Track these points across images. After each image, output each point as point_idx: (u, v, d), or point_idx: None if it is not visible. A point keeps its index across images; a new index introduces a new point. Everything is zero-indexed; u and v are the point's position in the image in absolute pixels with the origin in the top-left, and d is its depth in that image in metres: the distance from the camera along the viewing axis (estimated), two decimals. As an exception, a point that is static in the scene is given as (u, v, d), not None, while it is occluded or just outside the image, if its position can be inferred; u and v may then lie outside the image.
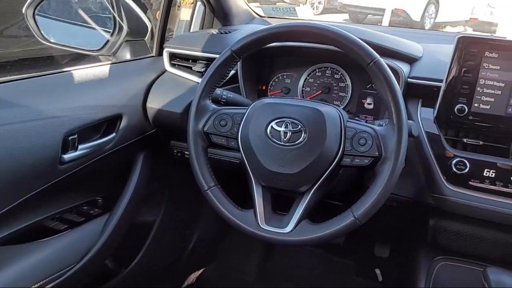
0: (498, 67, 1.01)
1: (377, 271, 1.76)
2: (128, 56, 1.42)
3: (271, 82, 1.37)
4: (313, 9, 8.67)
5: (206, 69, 1.29)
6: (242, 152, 1.00)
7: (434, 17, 8.24)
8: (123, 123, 1.24)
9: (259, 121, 0.97)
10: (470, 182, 1.03)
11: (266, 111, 0.98)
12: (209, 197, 1.00)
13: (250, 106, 1.01)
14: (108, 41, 1.38)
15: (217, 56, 1.03)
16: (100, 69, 1.23)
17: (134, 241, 1.51)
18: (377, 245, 1.75)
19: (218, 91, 1.13)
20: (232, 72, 1.26)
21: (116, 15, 1.37)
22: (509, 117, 1.01)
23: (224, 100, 1.14)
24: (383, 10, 7.59)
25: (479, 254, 1.26)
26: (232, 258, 1.90)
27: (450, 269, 1.27)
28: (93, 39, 1.39)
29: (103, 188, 1.32)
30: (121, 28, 1.37)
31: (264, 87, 1.37)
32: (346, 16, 8.75)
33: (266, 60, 1.35)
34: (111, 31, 1.39)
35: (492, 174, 1.02)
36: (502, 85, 1.01)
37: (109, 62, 1.31)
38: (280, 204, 1.01)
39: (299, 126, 0.94)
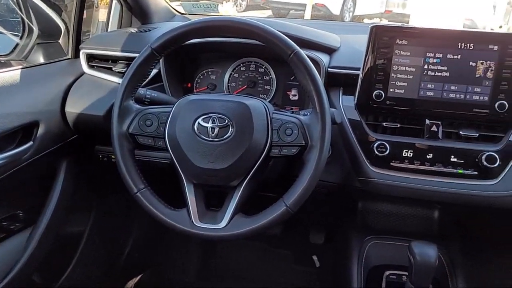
0: (409, 53, 1.07)
1: (314, 257, 1.82)
2: (41, 59, 1.34)
3: (197, 79, 1.36)
4: (236, 6, 8.71)
5: (127, 69, 1.25)
6: (170, 151, 0.98)
7: (352, 11, 8.63)
8: (41, 130, 1.17)
9: (186, 119, 0.96)
10: (391, 163, 1.09)
11: (192, 108, 0.97)
12: (139, 200, 0.98)
13: (176, 104, 1.00)
14: (17, 44, 1.30)
15: (137, 55, 1.00)
16: (11, 75, 1.15)
17: (63, 253, 1.43)
18: (312, 232, 1.80)
19: (141, 90, 1.10)
20: (155, 71, 1.24)
21: (24, 17, 1.28)
22: (421, 100, 1.08)
23: (149, 100, 1.11)
24: (305, 5, 7.81)
25: (404, 230, 1.34)
26: (171, 259, 1.87)
27: (379, 247, 1.34)
28: (0, 44, 1.30)
29: (24, 201, 1.24)
30: (31, 30, 1.30)
31: (189, 85, 1.36)
32: (269, 12, 8.88)
33: (190, 57, 1.34)
34: (20, 34, 1.30)
35: (410, 154, 1.08)
36: (413, 69, 1.08)
37: (20, 66, 1.22)
38: (214, 200, 1.01)
39: (226, 121, 0.94)
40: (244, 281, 1.79)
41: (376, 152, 1.08)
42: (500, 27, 6.40)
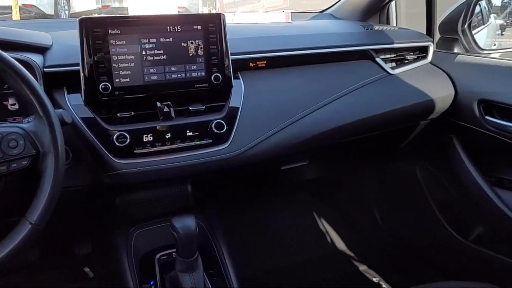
0: (124, 42, 1.09)
1: (86, 269, 1.71)
2: None
3: None
4: None
5: None
6: None
7: (67, 9, 8.19)
8: None
9: None
10: (135, 151, 1.10)
11: None
12: None
13: None
14: None
15: None
16: None
17: None
18: (77, 244, 1.68)
19: None
20: None
21: None
22: (148, 85, 1.12)
23: None
24: (10, 7, 6.97)
25: (166, 211, 1.39)
26: None
27: (146, 235, 1.36)
28: None
29: None
30: None
31: None
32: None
33: None
34: None
35: (150, 138, 1.12)
36: (133, 57, 1.10)
37: None
38: None
39: None
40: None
41: (117, 144, 1.07)
42: (210, 11, 7.17)
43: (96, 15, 1.13)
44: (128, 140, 1.08)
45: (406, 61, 1.62)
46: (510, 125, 1.39)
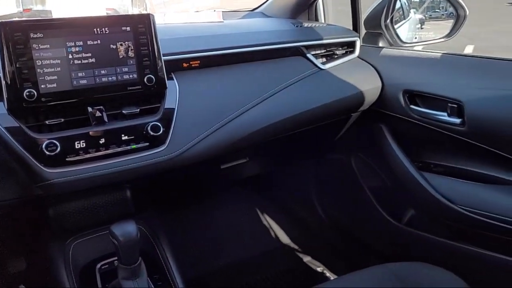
0: (48, 46, 1.04)
1: (22, 287, 1.62)
2: None
3: None
4: None
5: None
6: None
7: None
8: None
9: None
10: (67, 159, 1.06)
11: None
12: None
13: None
14: None
15: None
16: None
17: None
18: (11, 261, 1.59)
19: None
20: None
21: None
22: (77, 89, 1.07)
23: None
24: None
25: (106, 219, 1.34)
26: None
27: (84, 245, 1.31)
28: None
29: None
30: None
31: None
32: None
33: None
34: None
35: (83, 144, 1.07)
36: (59, 61, 1.05)
37: None
38: None
39: None
40: None
41: (47, 153, 1.02)
42: (140, 12, 7.02)
43: (17, 19, 1.06)
44: (59, 148, 1.03)
45: (336, 56, 1.68)
46: (432, 112, 1.49)
